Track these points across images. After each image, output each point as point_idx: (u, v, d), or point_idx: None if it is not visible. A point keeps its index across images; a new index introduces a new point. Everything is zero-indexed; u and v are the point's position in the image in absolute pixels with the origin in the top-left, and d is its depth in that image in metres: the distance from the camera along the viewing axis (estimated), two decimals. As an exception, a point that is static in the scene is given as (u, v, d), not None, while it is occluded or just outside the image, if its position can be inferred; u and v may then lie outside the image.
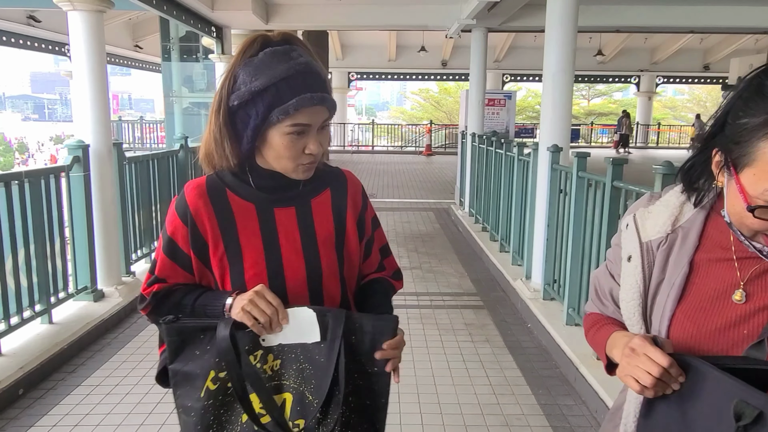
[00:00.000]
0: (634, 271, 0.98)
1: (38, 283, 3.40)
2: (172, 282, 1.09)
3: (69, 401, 2.89)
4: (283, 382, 1.00)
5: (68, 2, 3.90)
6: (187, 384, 1.03)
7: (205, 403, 1.01)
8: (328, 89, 1.03)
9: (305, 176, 1.07)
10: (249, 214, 1.07)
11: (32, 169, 3.57)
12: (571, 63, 4.14)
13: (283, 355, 1.00)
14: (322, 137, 1.05)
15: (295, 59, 1.00)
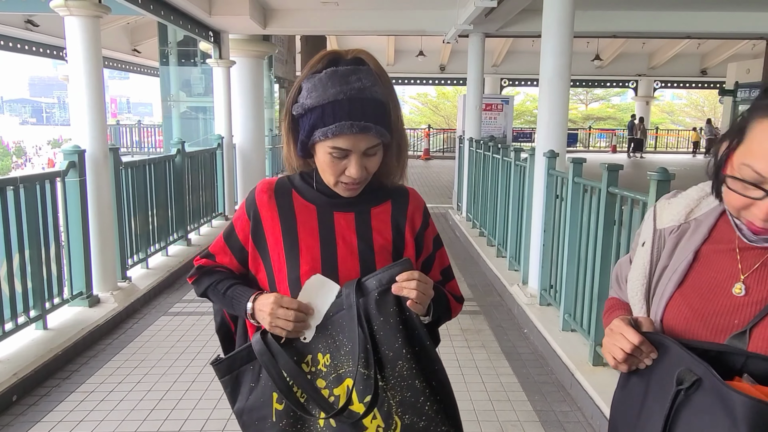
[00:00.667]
0: (644, 255, 1.04)
1: (33, 288, 3.38)
2: (218, 260, 1.20)
3: (63, 408, 2.88)
4: (339, 371, 1.03)
5: (65, 7, 3.90)
6: (257, 416, 1.06)
7: (280, 424, 1.05)
8: (379, 117, 1.03)
9: (347, 195, 1.11)
10: (310, 214, 1.13)
11: (27, 175, 3.57)
12: (567, 68, 4.15)
13: (330, 348, 1.03)
14: (369, 161, 1.06)
15: (350, 84, 1.01)
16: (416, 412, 1.01)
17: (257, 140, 9.02)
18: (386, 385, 1.01)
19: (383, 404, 1.01)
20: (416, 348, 1.02)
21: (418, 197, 1.21)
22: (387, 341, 1.01)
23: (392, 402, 1.01)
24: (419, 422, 1.01)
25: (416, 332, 1.03)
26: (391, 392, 1.01)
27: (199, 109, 10.66)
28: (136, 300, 4.36)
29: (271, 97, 12.74)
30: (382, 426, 1.01)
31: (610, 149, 21.73)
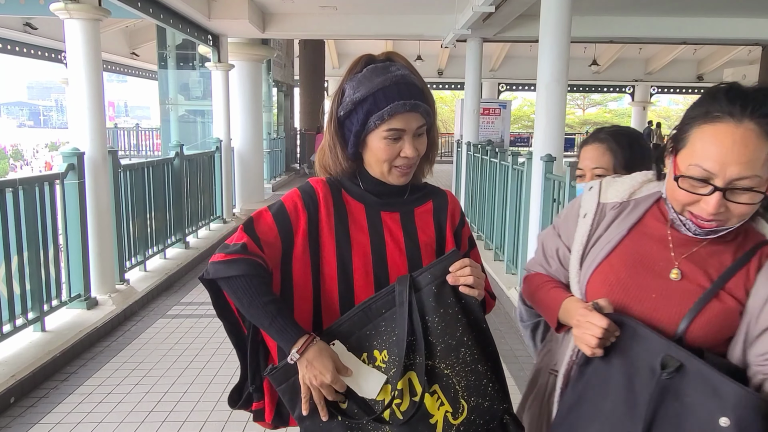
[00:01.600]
0: (584, 226, 1.15)
1: (31, 290, 3.38)
2: (261, 244, 1.09)
3: (61, 410, 2.88)
4: (400, 366, 1.04)
5: (65, 11, 3.92)
6: (319, 420, 1.07)
7: (345, 422, 1.06)
8: (424, 98, 1.12)
9: (400, 181, 1.15)
10: (359, 213, 1.17)
11: (26, 177, 3.57)
12: (564, 73, 4.17)
13: (386, 344, 1.06)
14: (419, 142, 1.13)
15: (392, 72, 1.10)
16: (481, 393, 1.06)
17: (256, 144, 9.03)
18: (451, 372, 1.04)
19: (449, 390, 1.04)
20: (475, 333, 1.07)
21: (455, 198, 1.27)
22: (449, 331, 1.05)
23: (458, 387, 1.05)
24: (484, 403, 1.06)
25: (473, 317, 1.07)
26: (456, 378, 1.04)
27: (198, 113, 10.67)
28: (134, 302, 4.36)
29: (270, 101, 12.75)
30: (450, 411, 1.04)
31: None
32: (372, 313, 1.07)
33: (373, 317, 1.07)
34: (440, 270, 1.07)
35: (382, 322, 1.06)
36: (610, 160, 1.41)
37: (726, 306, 0.99)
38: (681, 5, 7.31)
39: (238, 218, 7.89)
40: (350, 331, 1.08)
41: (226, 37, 7.74)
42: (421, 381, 1.03)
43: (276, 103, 13.87)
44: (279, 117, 14.18)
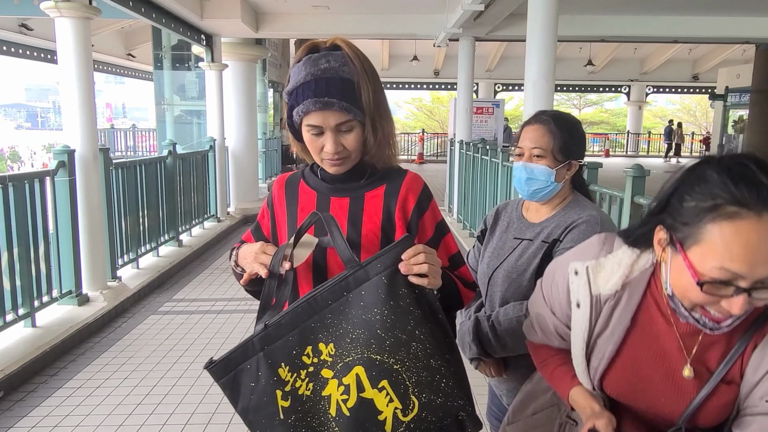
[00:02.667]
0: (582, 320, 1.06)
1: (22, 286, 3.41)
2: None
3: (49, 403, 2.91)
4: (346, 360, 1.01)
5: (55, 9, 3.95)
6: (263, 415, 1.04)
7: (288, 421, 1.03)
8: (345, 94, 1.07)
9: (334, 171, 1.15)
10: (310, 200, 1.20)
11: (16, 174, 3.61)
12: (551, 71, 4.21)
13: (333, 337, 1.02)
14: (345, 138, 1.11)
15: (318, 66, 1.07)
16: (433, 390, 1.00)
17: (250, 143, 9.06)
18: (401, 368, 1.00)
19: (399, 387, 1.00)
20: (430, 325, 1.01)
21: (416, 180, 1.20)
22: (400, 324, 0.99)
23: (408, 383, 1.00)
24: (436, 399, 1.01)
25: (428, 308, 1.01)
26: (407, 374, 1.00)
27: (193, 113, 10.70)
28: (126, 299, 4.39)
29: (265, 101, 12.78)
30: (399, 408, 1.00)
31: (603, 153, 21.86)
32: (318, 304, 1.02)
33: (319, 309, 1.02)
34: (391, 258, 1.00)
35: (328, 314, 1.02)
36: (550, 142, 1.41)
37: (727, 395, 0.97)
38: (673, 4, 7.35)
39: (232, 217, 7.92)
40: (294, 323, 1.03)
41: (219, 37, 7.77)
42: (369, 376, 0.99)
43: (272, 103, 13.89)
44: (275, 117, 14.20)
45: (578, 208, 1.42)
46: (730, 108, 16.47)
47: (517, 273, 1.43)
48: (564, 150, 1.42)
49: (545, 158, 1.41)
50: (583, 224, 1.36)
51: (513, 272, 1.44)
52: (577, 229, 1.36)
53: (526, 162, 1.43)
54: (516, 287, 1.43)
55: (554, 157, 1.41)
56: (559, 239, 1.38)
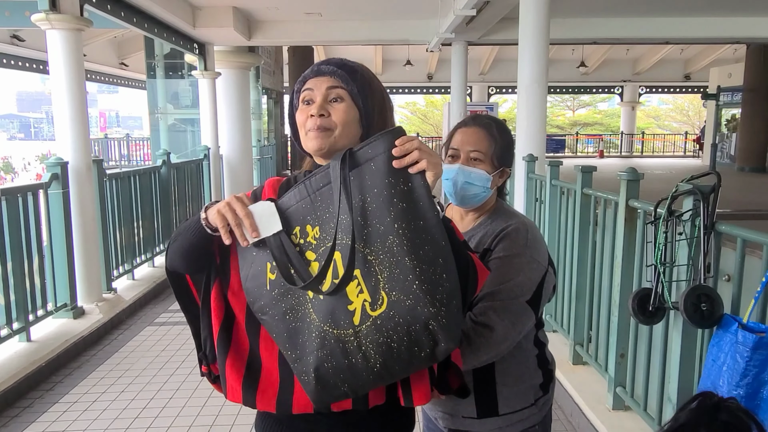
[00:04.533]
0: None
1: (16, 300, 3.38)
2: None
3: (45, 418, 2.88)
4: (327, 244, 1.00)
5: (46, 21, 3.94)
6: (256, 283, 1.05)
7: (272, 293, 1.04)
8: (344, 68, 1.10)
9: (314, 144, 1.10)
10: None
11: (10, 187, 3.58)
12: (544, 75, 4.23)
13: (319, 220, 1.02)
14: (334, 108, 1.10)
15: (327, 62, 1.14)
16: (403, 290, 0.95)
17: (244, 151, 9.05)
18: (375, 260, 0.96)
19: (370, 278, 0.96)
20: (413, 223, 0.95)
21: None
22: (379, 214, 0.96)
23: (380, 277, 0.96)
24: (406, 300, 0.95)
25: (420, 204, 0.96)
26: (379, 267, 0.96)
27: (187, 121, 10.68)
28: (122, 311, 4.36)
29: (259, 108, 12.78)
30: (368, 300, 0.97)
31: (597, 155, 21.94)
32: (310, 187, 1.04)
33: (311, 191, 1.03)
34: (382, 145, 0.98)
35: (318, 197, 1.02)
36: (489, 146, 1.37)
37: None
38: (663, 5, 7.40)
39: (228, 225, 7.89)
40: (287, 203, 1.05)
41: (212, 46, 7.77)
42: (344, 263, 0.97)
43: (266, 110, 13.89)
44: (269, 124, 14.19)
45: (504, 215, 1.39)
46: (723, 107, 16.56)
47: None
48: (501, 157, 1.38)
49: (483, 163, 1.36)
50: (513, 232, 1.32)
51: None
52: (507, 237, 1.32)
53: (463, 165, 1.36)
54: None
55: (492, 162, 1.37)
56: (490, 248, 1.33)
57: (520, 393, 1.34)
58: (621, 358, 2.62)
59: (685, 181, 2.02)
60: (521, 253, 1.30)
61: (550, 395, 1.41)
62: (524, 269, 1.29)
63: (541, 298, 1.32)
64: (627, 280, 2.57)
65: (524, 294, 1.28)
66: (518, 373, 1.34)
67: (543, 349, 1.41)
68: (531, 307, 1.29)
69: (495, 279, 1.28)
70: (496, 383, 1.33)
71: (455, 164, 1.37)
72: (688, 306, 1.80)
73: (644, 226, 2.45)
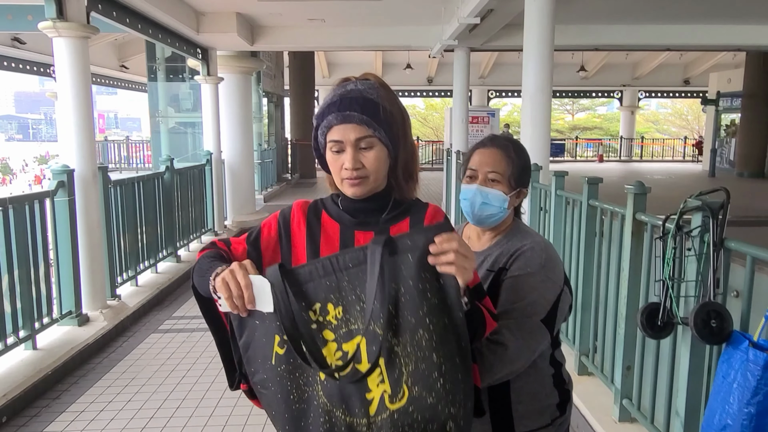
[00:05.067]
0: None
1: (22, 308, 3.38)
2: (233, 248, 1.17)
3: (53, 428, 2.88)
4: (351, 327, 0.98)
5: (53, 29, 3.95)
6: (260, 354, 1.03)
7: (278, 369, 1.01)
8: (367, 111, 1.10)
9: (352, 192, 1.12)
10: (333, 232, 1.18)
11: (17, 196, 3.59)
12: (548, 83, 4.25)
13: (343, 300, 0.99)
14: (365, 156, 1.11)
15: (345, 89, 1.13)
16: (427, 386, 0.94)
17: (246, 155, 9.06)
18: (402, 351, 0.95)
19: (394, 370, 0.95)
20: (445, 319, 0.96)
21: (439, 211, 1.19)
22: (411, 306, 0.95)
23: (404, 370, 0.95)
24: (428, 398, 0.94)
25: (448, 301, 0.96)
26: (405, 360, 0.95)
27: (188, 125, 10.69)
28: (126, 318, 4.37)
29: (260, 112, 12.79)
30: (388, 392, 0.95)
31: (597, 159, 21.99)
32: (338, 264, 1.00)
33: (338, 269, 1.00)
34: (423, 239, 0.97)
35: (345, 276, 0.99)
36: (507, 168, 1.38)
37: None
38: (664, 13, 7.43)
39: (229, 230, 7.90)
40: (309, 276, 1.00)
41: (215, 51, 7.79)
42: (368, 350, 0.95)
43: (267, 113, 13.89)
44: (270, 128, 14.20)
45: (520, 234, 1.40)
46: (722, 112, 16.63)
47: None
48: (518, 178, 1.40)
49: (501, 183, 1.38)
50: (528, 251, 1.34)
51: None
52: (523, 256, 1.33)
53: (481, 186, 1.38)
54: None
55: (509, 183, 1.39)
56: (506, 267, 1.34)
57: (536, 412, 1.35)
58: (627, 371, 2.63)
59: (694, 196, 2.04)
60: (536, 273, 1.32)
61: (567, 416, 1.42)
62: (539, 288, 1.31)
63: (557, 317, 1.33)
64: (634, 293, 2.58)
65: (538, 313, 1.30)
66: (533, 391, 1.35)
67: (559, 369, 1.42)
68: (546, 326, 1.31)
69: (509, 298, 1.31)
70: (511, 401, 1.34)
71: (473, 185, 1.39)
72: (698, 322, 1.81)
73: (651, 240, 2.46)
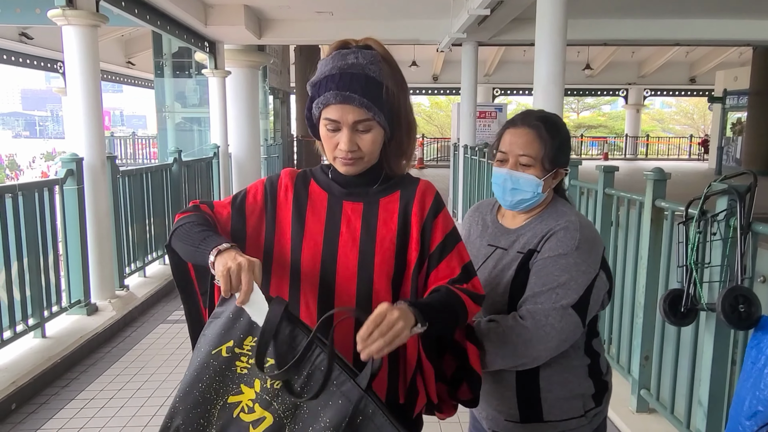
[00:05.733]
0: None
1: (31, 296, 3.36)
2: (216, 211, 1.15)
3: (62, 415, 2.86)
4: (273, 403, 0.98)
5: (63, 17, 3.92)
6: (211, 332, 1.03)
7: (210, 360, 1.01)
8: (368, 92, 1.04)
9: (345, 171, 1.11)
10: (321, 201, 1.15)
11: (26, 183, 3.57)
12: (560, 75, 4.21)
13: (289, 380, 0.99)
14: (362, 138, 1.07)
15: (346, 61, 1.05)
16: None
17: (253, 149, 9.05)
18: None
19: None
20: None
21: (430, 186, 1.18)
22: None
23: None
24: None
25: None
26: None
27: (194, 120, 10.68)
28: (134, 308, 4.35)
29: (266, 108, 12.78)
30: None
31: (602, 157, 21.91)
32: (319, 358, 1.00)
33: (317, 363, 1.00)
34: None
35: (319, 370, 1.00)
36: (540, 150, 1.27)
37: None
38: (674, 7, 7.38)
39: (236, 224, 7.88)
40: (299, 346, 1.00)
41: (222, 44, 7.77)
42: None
43: (272, 110, 13.89)
44: (275, 124, 14.19)
45: (556, 214, 1.30)
46: (729, 110, 16.53)
47: (491, 286, 1.31)
48: (554, 159, 1.29)
49: (533, 167, 1.28)
50: (561, 231, 1.25)
51: (486, 285, 1.29)
52: (555, 236, 1.25)
53: (511, 170, 1.29)
54: (489, 301, 1.29)
55: (543, 166, 1.28)
56: (537, 249, 1.26)
57: (567, 401, 1.28)
58: (645, 361, 2.59)
59: (719, 180, 2.00)
60: (568, 254, 1.23)
61: (603, 407, 1.34)
62: (570, 271, 1.22)
63: (589, 304, 1.24)
64: (652, 281, 2.54)
65: (568, 297, 1.21)
66: (564, 381, 1.28)
67: (596, 359, 1.33)
68: (577, 313, 1.22)
69: (539, 281, 1.23)
70: (540, 389, 1.28)
71: (504, 168, 1.31)
72: (726, 307, 1.77)
73: (671, 227, 2.42)
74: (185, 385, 1.02)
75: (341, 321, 1.06)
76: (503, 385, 1.30)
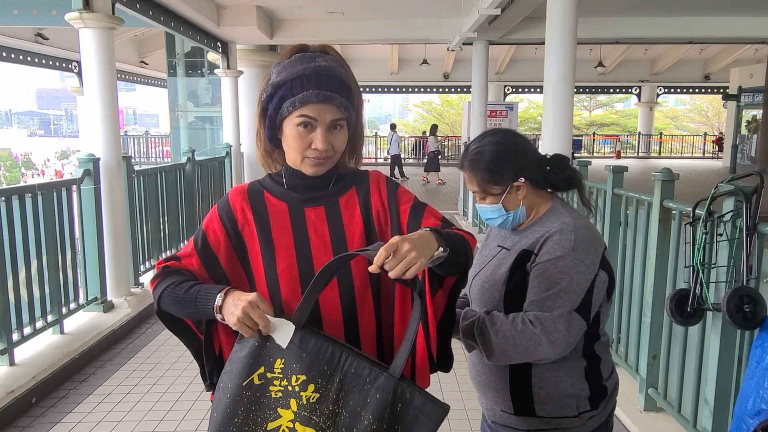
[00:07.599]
0: None
1: (50, 293, 3.46)
2: (185, 263, 1.13)
3: (81, 409, 2.94)
4: (313, 417, 0.99)
5: (80, 20, 4.01)
6: (239, 366, 1.04)
7: (243, 392, 1.03)
8: (345, 92, 1.08)
9: (313, 171, 1.12)
10: (282, 213, 1.14)
11: (45, 182, 3.66)
12: (571, 74, 4.21)
13: (324, 390, 1.01)
14: (334, 137, 1.09)
15: (317, 63, 1.08)
16: None
17: (264, 149, 9.11)
18: None
19: None
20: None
21: (380, 173, 1.22)
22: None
23: None
24: None
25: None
26: None
27: (207, 119, 10.78)
28: (149, 305, 4.43)
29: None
30: None
31: (614, 155, 21.76)
32: (342, 362, 1.03)
33: (339, 368, 1.02)
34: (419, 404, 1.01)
35: (339, 376, 1.02)
36: (477, 184, 1.36)
37: None
38: (687, 5, 7.33)
39: (248, 223, 7.97)
40: (316, 350, 1.03)
41: (234, 44, 7.84)
42: None
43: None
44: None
45: (554, 217, 1.32)
46: (744, 108, 16.34)
47: (491, 283, 1.35)
48: (495, 182, 1.33)
49: (487, 197, 1.36)
50: (556, 234, 1.27)
51: (487, 282, 1.36)
52: (551, 239, 1.27)
53: (478, 204, 1.40)
54: (488, 298, 1.35)
55: (490, 192, 1.34)
56: (533, 251, 1.29)
57: (559, 399, 1.30)
58: (653, 360, 2.61)
59: (726, 182, 2.02)
60: (565, 256, 1.24)
61: (600, 411, 1.33)
62: (570, 273, 1.23)
63: (592, 304, 1.25)
64: (660, 281, 2.56)
65: (572, 300, 1.22)
66: (556, 379, 1.30)
67: (596, 363, 1.33)
68: (581, 315, 1.23)
69: (540, 285, 1.24)
70: (532, 384, 1.30)
71: (481, 204, 1.41)
72: (731, 307, 1.80)
73: (679, 227, 2.44)
74: (218, 426, 1.03)
75: (363, 328, 1.11)
76: (498, 377, 1.33)
